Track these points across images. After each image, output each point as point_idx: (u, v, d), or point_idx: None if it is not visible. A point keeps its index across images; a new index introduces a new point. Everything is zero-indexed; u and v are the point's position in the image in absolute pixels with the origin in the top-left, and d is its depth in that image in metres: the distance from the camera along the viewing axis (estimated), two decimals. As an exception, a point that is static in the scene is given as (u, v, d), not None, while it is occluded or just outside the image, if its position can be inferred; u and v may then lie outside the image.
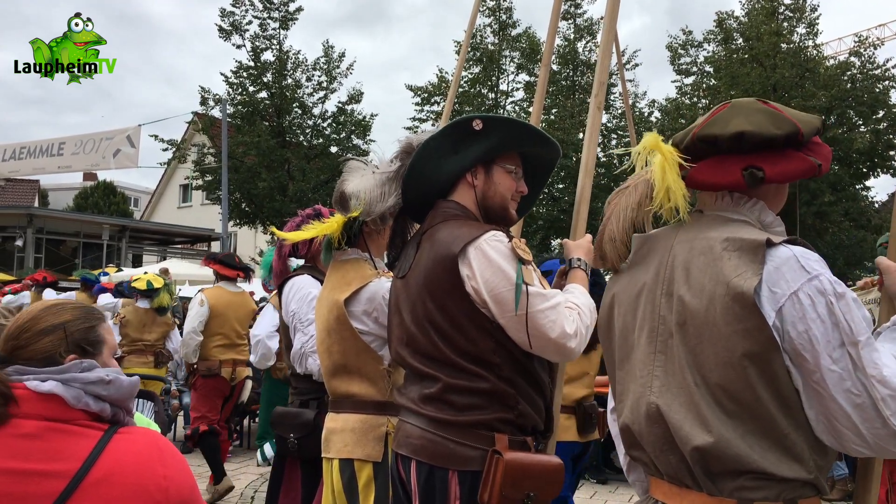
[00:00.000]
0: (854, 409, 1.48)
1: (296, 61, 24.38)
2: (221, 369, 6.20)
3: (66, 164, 22.78)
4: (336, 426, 2.87)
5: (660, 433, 1.67)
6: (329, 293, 2.94)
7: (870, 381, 1.47)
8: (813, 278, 1.53)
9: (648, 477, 1.81)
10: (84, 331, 1.73)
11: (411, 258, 2.33)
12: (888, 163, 23.44)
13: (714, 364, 1.58)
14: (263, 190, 22.94)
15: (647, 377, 1.71)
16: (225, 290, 6.38)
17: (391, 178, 2.55)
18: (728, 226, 1.69)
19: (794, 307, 1.52)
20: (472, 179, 2.33)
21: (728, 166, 1.68)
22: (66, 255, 27.67)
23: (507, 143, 2.34)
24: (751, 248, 1.58)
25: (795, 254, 1.56)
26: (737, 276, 1.56)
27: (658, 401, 1.66)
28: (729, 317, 1.55)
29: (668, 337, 1.68)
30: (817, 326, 1.50)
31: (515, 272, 2.08)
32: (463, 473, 2.10)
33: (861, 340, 1.49)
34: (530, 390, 2.19)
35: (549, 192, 25.04)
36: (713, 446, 1.55)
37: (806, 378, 1.53)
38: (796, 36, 23.40)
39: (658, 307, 1.72)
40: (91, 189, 38.76)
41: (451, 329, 2.14)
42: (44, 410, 1.54)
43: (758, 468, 1.53)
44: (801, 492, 1.56)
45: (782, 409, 1.54)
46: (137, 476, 1.54)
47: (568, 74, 25.42)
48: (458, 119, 2.32)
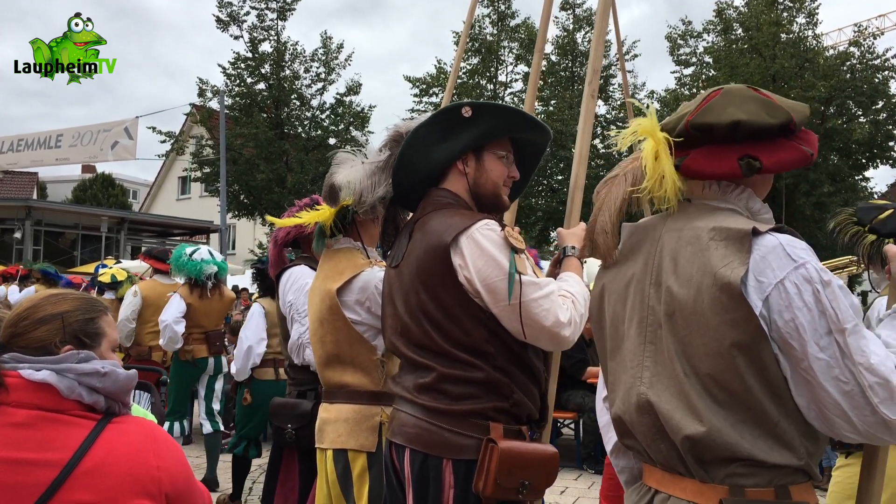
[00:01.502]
0: (843, 397, 1.48)
1: (294, 52, 24.33)
2: (152, 354, 6.64)
3: (64, 157, 22.77)
4: (330, 416, 2.87)
5: (650, 423, 1.67)
6: (321, 283, 2.94)
7: (857, 368, 1.47)
8: (799, 266, 1.52)
9: (642, 464, 1.82)
10: (83, 322, 1.72)
11: (404, 247, 2.32)
12: (887, 153, 23.44)
13: (703, 354, 1.57)
14: (262, 182, 22.92)
15: (637, 368, 1.71)
16: (158, 283, 6.80)
17: (380, 167, 2.52)
18: (715, 215, 1.68)
19: (781, 296, 1.51)
20: (462, 167, 2.31)
21: (723, 155, 1.66)
22: (65, 248, 27.64)
23: (498, 129, 2.32)
24: (737, 238, 1.57)
25: (781, 242, 1.56)
26: (724, 266, 1.55)
27: (648, 391, 1.66)
28: (717, 307, 1.55)
29: (657, 327, 1.68)
30: (804, 315, 1.50)
31: (508, 261, 2.07)
32: (457, 462, 2.09)
33: (848, 328, 1.48)
34: (525, 379, 2.18)
35: (547, 183, 25.02)
36: (704, 435, 1.55)
37: (794, 366, 1.53)
38: (796, 26, 23.35)
39: (647, 297, 1.72)
40: (90, 181, 38.64)
41: (444, 319, 2.13)
42: (36, 399, 1.54)
43: (749, 456, 1.54)
44: (791, 478, 1.56)
45: (772, 398, 1.54)
46: (130, 466, 1.54)
47: (567, 65, 25.36)
48: (446, 106, 2.30)
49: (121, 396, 1.65)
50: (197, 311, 6.07)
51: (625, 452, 1.93)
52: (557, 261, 2.38)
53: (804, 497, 1.58)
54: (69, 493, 1.48)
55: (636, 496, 1.80)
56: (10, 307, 1.96)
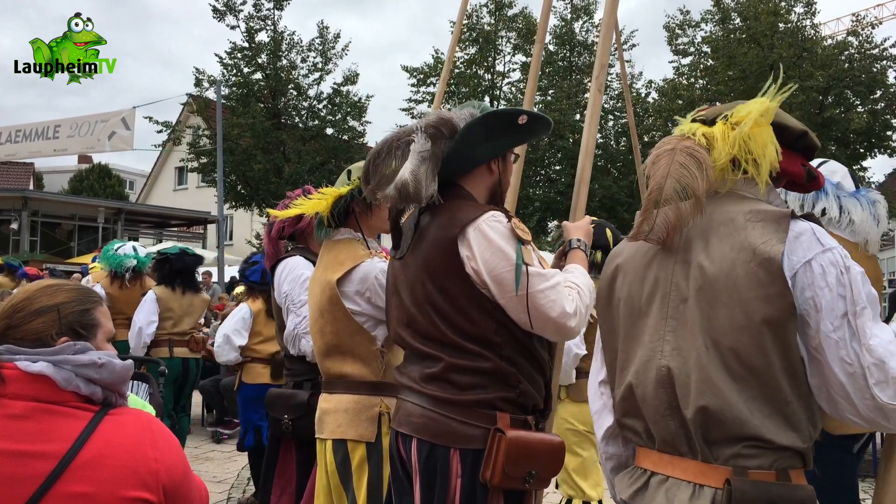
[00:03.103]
0: (847, 379, 1.54)
1: (290, 42, 24.23)
2: None
3: (62, 148, 22.73)
4: (329, 407, 2.87)
5: (664, 397, 1.69)
6: (321, 273, 2.94)
7: (861, 349, 1.54)
8: (827, 250, 1.61)
9: (634, 448, 1.85)
10: (78, 313, 1.72)
11: (409, 239, 2.32)
12: (885, 143, 23.39)
13: (728, 328, 1.62)
14: (259, 172, 22.87)
15: (658, 342, 1.73)
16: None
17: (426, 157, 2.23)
18: (745, 202, 1.76)
19: (807, 274, 1.59)
20: (495, 166, 2.34)
21: (792, 158, 1.82)
22: (62, 239, 27.61)
23: (534, 136, 2.41)
24: (775, 219, 1.66)
25: (812, 227, 1.65)
26: (763, 242, 1.62)
27: (670, 363, 1.69)
28: (752, 282, 1.60)
29: (679, 302, 1.71)
30: (824, 294, 1.57)
31: (515, 252, 2.09)
32: (464, 452, 2.10)
33: (859, 310, 1.56)
34: (531, 369, 2.20)
35: (545, 173, 25.02)
36: (717, 408, 1.60)
37: (807, 345, 1.59)
38: (794, 15, 23.27)
39: (671, 275, 1.74)
40: (86, 172, 38.52)
41: (451, 310, 2.14)
42: (33, 391, 1.54)
43: (756, 434, 1.58)
44: (792, 461, 1.61)
45: (789, 377, 1.59)
46: (127, 458, 1.54)
47: (565, 55, 25.32)
48: (500, 110, 2.31)
49: (118, 387, 1.64)
50: (117, 299, 6.57)
51: (616, 439, 1.96)
52: (563, 253, 2.42)
53: (801, 482, 1.61)
54: (67, 484, 1.48)
55: (628, 479, 1.82)
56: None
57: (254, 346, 5.19)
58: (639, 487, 1.76)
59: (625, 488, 1.82)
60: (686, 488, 1.65)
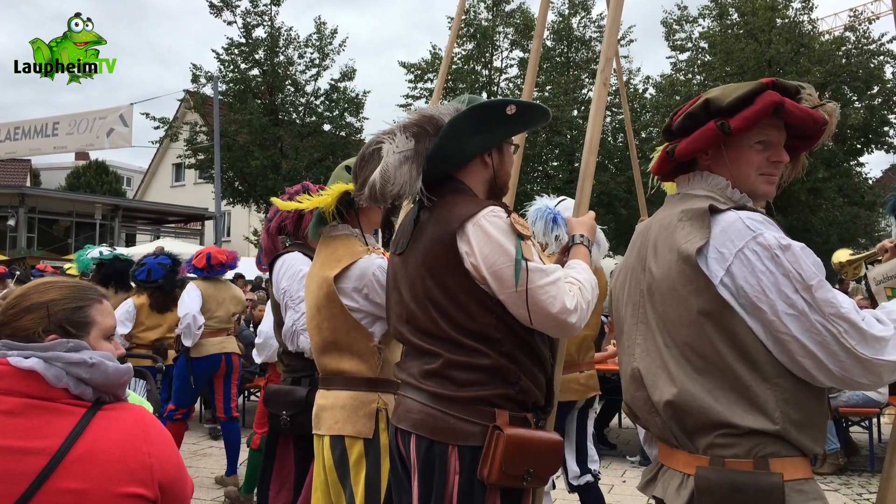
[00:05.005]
0: (818, 347, 1.60)
1: (288, 38, 24.19)
2: None
3: (61, 145, 22.75)
4: (326, 403, 2.86)
5: (643, 396, 1.82)
6: (319, 269, 2.92)
7: (828, 318, 1.59)
8: (757, 235, 1.67)
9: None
10: (70, 311, 1.70)
11: (409, 235, 2.31)
12: (882, 139, 23.40)
13: (678, 325, 1.73)
14: (256, 168, 22.85)
15: (631, 346, 1.89)
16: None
17: (409, 157, 2.23)
18: (688, 201, 1.86)
19: (743, 263, 1.66)
20: (489, 160, 2.31)
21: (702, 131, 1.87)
22: (59, 235, 27.57)
23: (527, 126, 2.38)
24: (699, 216, 1.75)
25: (741, 216, 1.71)
26: (685, 241, 1.73)
27: (639, 365, 1.83)
28: (683, 279, 1.72)
29: (642, 307, 1.87)
30: (767, 277, 1.64)
31: (515, 248, 2.07)
32: (463, 448, 2.09)
33: (813, 284, 1.61)
34: (532, 366, 2.18)
35: (542, 169, 24.99)
36: (681, 400, 1.69)
37: (767, 328, 1.64)
38: (791, 11, 23.27)
39: (639, 282, 1.90)
40: (83, 168, 38.49)
41: (451, 306, 2.13)
42: (25, 387, 1.52)
43: (725, 420, 1.65)
44: (771, 448, 1.65)
45: (744, 363, 1.66)
46: (120, 453, 1.53)
47: (562, 51, 25.27)
48: (487, 102, 2.27)
49: (111, 389, 1.61)
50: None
51: (650, 441, 2.05)
52: (566, 249, 2.40)
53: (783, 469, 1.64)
54: (59, 481, 1.47)
55: (647, 471, 1.96)
56: None
57: (138, 334, 6.28)
58: (650, 478, 1.91)
59: (641, 479, 1.96)
60: (677, 478, 1.76)
